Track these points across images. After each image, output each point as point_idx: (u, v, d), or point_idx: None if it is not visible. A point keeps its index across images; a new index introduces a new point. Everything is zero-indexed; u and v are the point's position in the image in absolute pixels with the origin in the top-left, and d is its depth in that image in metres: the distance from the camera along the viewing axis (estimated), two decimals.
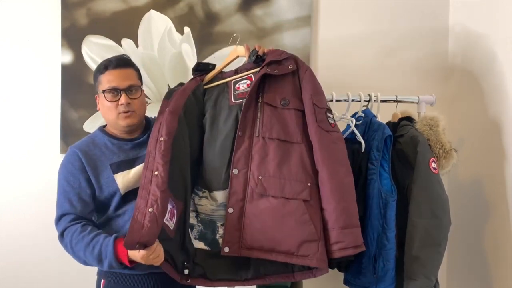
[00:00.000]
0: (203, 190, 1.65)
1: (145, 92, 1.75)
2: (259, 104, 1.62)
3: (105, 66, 1.61)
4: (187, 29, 2.23)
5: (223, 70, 1.82)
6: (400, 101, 1.95)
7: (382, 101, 1.91)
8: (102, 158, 1.61)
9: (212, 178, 1.63)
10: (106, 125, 1.72)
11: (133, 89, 1.61)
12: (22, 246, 2.18)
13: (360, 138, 1.79)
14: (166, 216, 1.48)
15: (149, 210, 1.44)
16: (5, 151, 2.19)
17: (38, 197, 2.16)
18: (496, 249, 1.96)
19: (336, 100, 1.90)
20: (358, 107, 1.89)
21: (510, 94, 1.88)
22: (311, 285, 2.15)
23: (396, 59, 2.31)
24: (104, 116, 1.66)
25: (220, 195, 1.61)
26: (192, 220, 1.66)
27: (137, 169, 1.61)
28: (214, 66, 1.82)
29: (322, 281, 2.12)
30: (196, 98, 1.72)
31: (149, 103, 2.14)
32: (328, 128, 1.60)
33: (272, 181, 1.54)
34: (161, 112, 1.65)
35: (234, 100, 1.68)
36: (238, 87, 1.70)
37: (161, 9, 2.22)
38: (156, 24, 2.21)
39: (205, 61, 2.21)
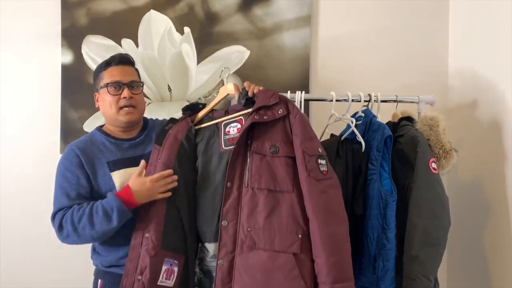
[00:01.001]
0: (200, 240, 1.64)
1: (145, 92, 1.75)
2: (248, 153, 1.55)
3: (108, 62, 1.64)
4: (187, 29, 2.23)
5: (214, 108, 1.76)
6: (400, 101, 1.95)
7: (382, 101, 1.90)
8: (100, 156, 1.62)
9: (205, 229, 1.59)
10: (103, 125, 1.72)
11: (135, 85, 1.65)
12: (21, 246, 2.19)
13: (360, 138, 1.78)
14: (161, 278, 1.51)
15: (138, 277, 1.46)
16: (5, 151, 2.19)
17: (38, 197, 2.16)
18: (496, 249, 1.96)
19: (336, 100, 1.90)
20: (358, 107, 1.89)
21: (510, 94, 1.88)
22: None
23: (396, 59, 2.31)
24: (104, 112, 1.66)
25: (211, 247, 1.58)
26: (196, 267, 1.64)
27: (134, 169, 1.60)
28: (204, 105, 1.76)
29: None
30: (190, 144, 1.66)
31: (149, 103, 2.14)
32: (319, 177, 1.52)
33: (261, 234, 1.49)
34: (152, 163, 1.61)
35: (225, 146, 1.62)
36: (228, 131, 1.64)
37: (161, 9, 2.22)
38: (156, 24, 2.22)
39: (205, 61, 2.23)
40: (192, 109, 1.75)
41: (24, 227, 2.18)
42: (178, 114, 2.19)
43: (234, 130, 1.62)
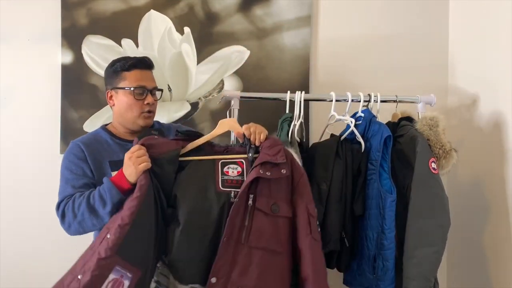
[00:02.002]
0: (166, 273, 1.51)
1: None
2: (249, 207, 1.47)
3: (133, 64, 1.64)
4: (187, 29, 2.23)
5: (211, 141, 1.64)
6: (400, 101, 1.95)
7: (382, 101, 1.91)
8: (103, 154, 1.62)
9: (182, 266, 1.47)
10: (107, 124, 1.72)
11: (155, 92, 1.68)
12: (22, 246, 2.19)
13: (360, 138, 1.78)
14: (104, 286, 1.33)
15: (79, 276, 1.35)
16: (5, 151, 2.19)
17: (38, 197, 2.17)
18: (496, 249, 1.96)
19: (336, 100, 1.90)
20: (358, 107, 1.89)
21: (510, 94, 1.88)
22: None
23: (396, 58, 2.31)
24: (121, 113, 1.66)
25: None
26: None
27: None
28: (201, 135, 1.63)
29: None
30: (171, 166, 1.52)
31: None
32: (318, 238, 1.53)
33: None
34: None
35: (222, 186, 1.50)
36: (227, 172, 1.54)
37: (161, 9, 2.22)
38: (156, 24, 2.22)
39: (205, 61, 2.23)
40: (188, 135, 1.62)
41: (24, 227, 2.18)
42: (178, 114, 2.21)
43: (234, 172, 1.54)
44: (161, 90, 1.72)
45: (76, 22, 2.19)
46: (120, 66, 1.64)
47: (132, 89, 1.61)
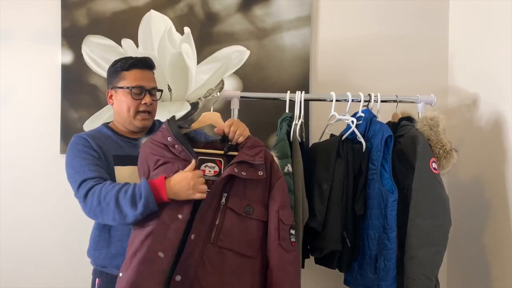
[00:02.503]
0: None
1: None
2: (221, 206, 1.44)
3: (133, 64, 1.63)
4: (187, 29, 2.23)
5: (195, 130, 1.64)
6: (400, 101, 1.95)
7: (382, 101, 1.91)
8: (109, 147, 1.61)
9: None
10: (109, 122, 1.73)
11: (154, 92, 1.67)
12: (21, 246, 2.18)
13: (360, 138, 1.78)
14: None
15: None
16: (5, 151, 2.19)
17: (38, 197, 2.16)
18: (496, 249, 1.96)
19: (336, 100, 1.90)
20: (358, 107, 1.89)
21: (511, 94, 1.88)
22: (311, 285, 2.16)
23: (396, 58, 2.31)
24: (119, 113, 1.65)
25: None
26: None
27: (133, 168, 1.59)
28: (188, 126, 1.63)
29: (323, 281, 2.13)
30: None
31: None
32: (288, 248, 1.47)
33: None
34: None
35: None
36: (204, 170, 1.50)
37: (161, 9, 2.22)
38: (156, 24, 2.21)
39: (205, 61, 2.22)
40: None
41: (24, 227, 2.18)
42: (178, 114, 2.21)
43: (210, 171, 1.51)
44: (161, 91, 1.71)
45: (76, 22, 2.19)
46: (120, 66, 1.64)
47: (130, 88, 1.61)
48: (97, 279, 1.64)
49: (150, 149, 1.50)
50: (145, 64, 1.66)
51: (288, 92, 1.89)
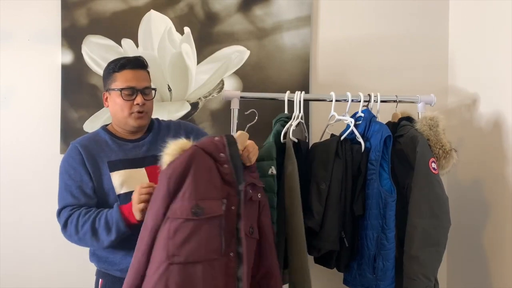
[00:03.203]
0: None
1: None
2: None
3: (123, 65, 1.62)
4: (187, 29, 2.23)
5: None
6: (400, 101, 1.95)
7: (382, 101, 1.91)
8: (101, 155, 1.61)
9: None
10: (108, 124, 1.72)
11: (147, 91, 1.65)
12: (21, 246, 2.18)
13: (360, 138, 1.78)
14: None
15: None
16: (5, 151, 2.19)
17: (38, 197, 2.17)
18: (496, 249, 1.96)
19: (336, 100, 1.90)
20: (358, 107, 1.89)
21: (510, 94, 1.88)
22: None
23: (396, 58, 2.31)
24: (114, 114, 1.66)
25: None
26: None
27: (134, 170, 1.61)
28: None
29: (322, 281, 2.13)
30: None
31: None
32: None
33: None
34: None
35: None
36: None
37: (161, 9, 2.22)
38: (156, 24, 2.21)
39: (205, 61, 2.23)
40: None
41: (24, 227, 2.18)
42: (178, 114, 2.21)
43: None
44: (154, 89, 1.68)
45: (76, 22, 2.19)
46: (112, 68, 1.64)
47: (120, 90, 1.60)
48: (100, 279, 1.65)
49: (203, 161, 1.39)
50: (136, 63, 1.64)
51: (288, 92, 1.89)
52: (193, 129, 1.79)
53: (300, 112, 1.84)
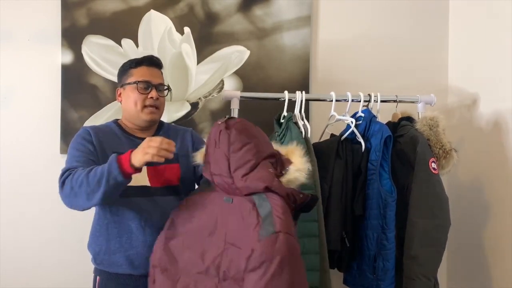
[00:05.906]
0: None
1: None
2: None
3: (140, 61, 1.68)
4: (187, 29, 2.22)
5: None
6: (400, 101, 1.95)
7: (382, 101, 1.91)
8: (110, 144, 1.62)
9: None
10: (118, 119, 1.74)
11: (161, 88, 1.69)
12: (21, 246, 2.18)
13: (360, 138, 1.79)
14: None
15: None
16: (5, 151, 2.18)
17: (38, 197, 2.16)
18: (496, 249, 1.96)
19: (336, 100, 1.90)
20: (358, 107, 1.89)
21: (510, 94, 1.88)
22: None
23: (396, 58, 2.31)
24: (127, 108, 1.68)
25: None
26: None
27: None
28: None
29: None
30: None
31: None
32: None
33: None
34: None
35: None
36: None
37: (161, 9, 2.22)
38: (156, 24, 2.21)
39: (205, 61, 2.22)
40: None
41: (24, 227, 2.18)
42: (178, 114, 2.21)
43: None
44: (168, 88, 1.72)
45: (76, 22, 2.19)
46: (129, 64, 1.69)
47: (136, 82, 1.64)
48: (97, 277, 1.66)
49: None
50: (152, 62, 1.70)
51: (287, 92, 1.89)
52: (200, 141, 1.75)
53: (301, 112, 1.84)
